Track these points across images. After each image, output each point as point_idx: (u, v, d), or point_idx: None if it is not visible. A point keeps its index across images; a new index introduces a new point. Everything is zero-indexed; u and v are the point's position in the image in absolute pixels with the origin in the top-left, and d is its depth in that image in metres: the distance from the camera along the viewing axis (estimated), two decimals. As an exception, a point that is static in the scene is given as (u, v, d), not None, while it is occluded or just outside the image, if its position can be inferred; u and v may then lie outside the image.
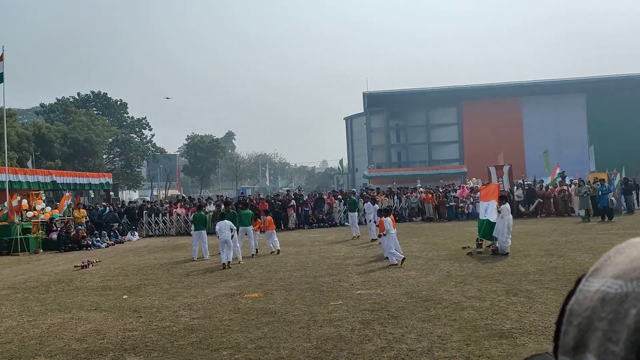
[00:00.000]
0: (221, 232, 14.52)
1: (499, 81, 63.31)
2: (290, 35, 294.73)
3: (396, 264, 12.80)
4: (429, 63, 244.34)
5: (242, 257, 15.22)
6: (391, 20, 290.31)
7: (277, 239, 16.83)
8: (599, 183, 23.25)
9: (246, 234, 16.73)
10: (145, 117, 67.10)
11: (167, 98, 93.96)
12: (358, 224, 21.39)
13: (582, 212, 22.94)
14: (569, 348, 0.58)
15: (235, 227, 15.25)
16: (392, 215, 14.38)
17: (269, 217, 17.66)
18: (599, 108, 57.46)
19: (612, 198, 23.22)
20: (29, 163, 33.92)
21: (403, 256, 13.12)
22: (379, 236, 14.64)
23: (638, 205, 26.79)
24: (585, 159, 45.63)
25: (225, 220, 15.03)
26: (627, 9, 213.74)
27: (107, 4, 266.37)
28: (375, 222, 18.21)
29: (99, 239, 22.97)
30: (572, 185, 26.10)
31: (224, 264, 14.21)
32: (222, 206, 20.37)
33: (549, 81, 59.66)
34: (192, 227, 17.62)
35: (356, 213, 21.63)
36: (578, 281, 0.62)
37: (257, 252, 16.59)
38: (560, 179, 28.59)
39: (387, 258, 13.43)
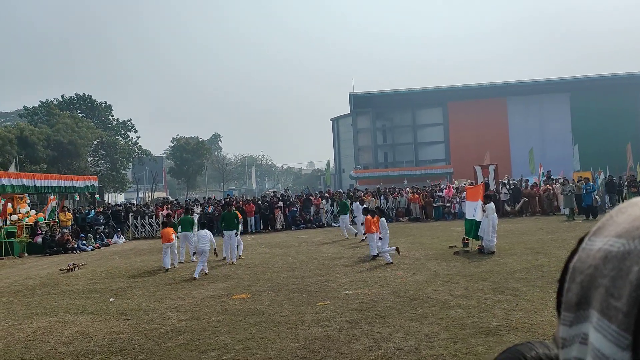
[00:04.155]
0: (201, 242, 13.41)
1: (484, 81, 63.75)
2: (276, 36, 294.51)
3: (392, 262, 12.95)
4: (415, 63, 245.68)
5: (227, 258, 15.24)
6: (376, 21, 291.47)
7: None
8: (583, 182, 23.51)
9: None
10: (130, 120, 66.51)
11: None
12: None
13: (567, 211, 23.18)
14: (572, 304, 0.59)
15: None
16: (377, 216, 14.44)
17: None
18: (583, 107, 58.10)
19: (597, 196, 23.49)
20: (12, 166, 33.51)
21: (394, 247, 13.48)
22: (364, 235, 14.79)
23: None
24: (570, 158, 46.06)
25: (206, 230, 14.11)
26: (610, 9, 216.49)
27: (91, 6, 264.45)
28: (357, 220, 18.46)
29: (84, 242, 22.76)
30: (557, 184, 26.37)
31: (195, 277, 12.72)
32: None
33: (533, 81, 60.18)
34: (179, 229, 17.46)
35: (347, 215, 21.74)
36: (580, 241, 0.63)
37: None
38: (545, 178, 28.85)
39: (374, 256, 13.59)
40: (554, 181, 27.88)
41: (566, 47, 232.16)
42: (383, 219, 14.08)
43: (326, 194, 30.63)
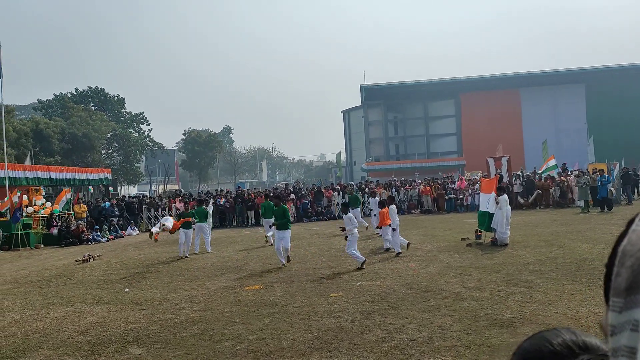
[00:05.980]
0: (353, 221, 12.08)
1: (498, 72, 63.13)
2: (286, 29, 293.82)
3: (401, 252, 12.97)
4: (427, 55, 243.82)
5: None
6: (387, 13, 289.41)
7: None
8: (598, 174, 23.27)
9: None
10: (143, 112, 66.82)
11: None
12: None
13: (582, 203, 22.98)
14: (622, 289, 0.56)
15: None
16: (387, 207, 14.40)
17: None
18: (598, 99, 57.35)
19: (612, 189, 23.25)
20: (27, 159, 33.89)
21: (407, 241, 13.45)
22: (379, 227, 14.79)
23: (637, 196, 26.82)
24: (584, 150, 45.57)
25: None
26: (622, 6, 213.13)
27: (103, 3, 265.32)
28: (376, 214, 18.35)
29: (99, 233, 23.00)
30: (572, 176, 26.13)
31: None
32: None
33: (547, 72, 59.54)
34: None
35: (359, 209, 21.70)
36: (630, 222, 0.60)
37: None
38: (558, 170, 28.53)
39: (387, 249, 13.58)
40: (570, 173, 27.61)
41: (580, 36, 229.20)
42: (393, 206, 14.06)
43: (337, 186, 30.65)
